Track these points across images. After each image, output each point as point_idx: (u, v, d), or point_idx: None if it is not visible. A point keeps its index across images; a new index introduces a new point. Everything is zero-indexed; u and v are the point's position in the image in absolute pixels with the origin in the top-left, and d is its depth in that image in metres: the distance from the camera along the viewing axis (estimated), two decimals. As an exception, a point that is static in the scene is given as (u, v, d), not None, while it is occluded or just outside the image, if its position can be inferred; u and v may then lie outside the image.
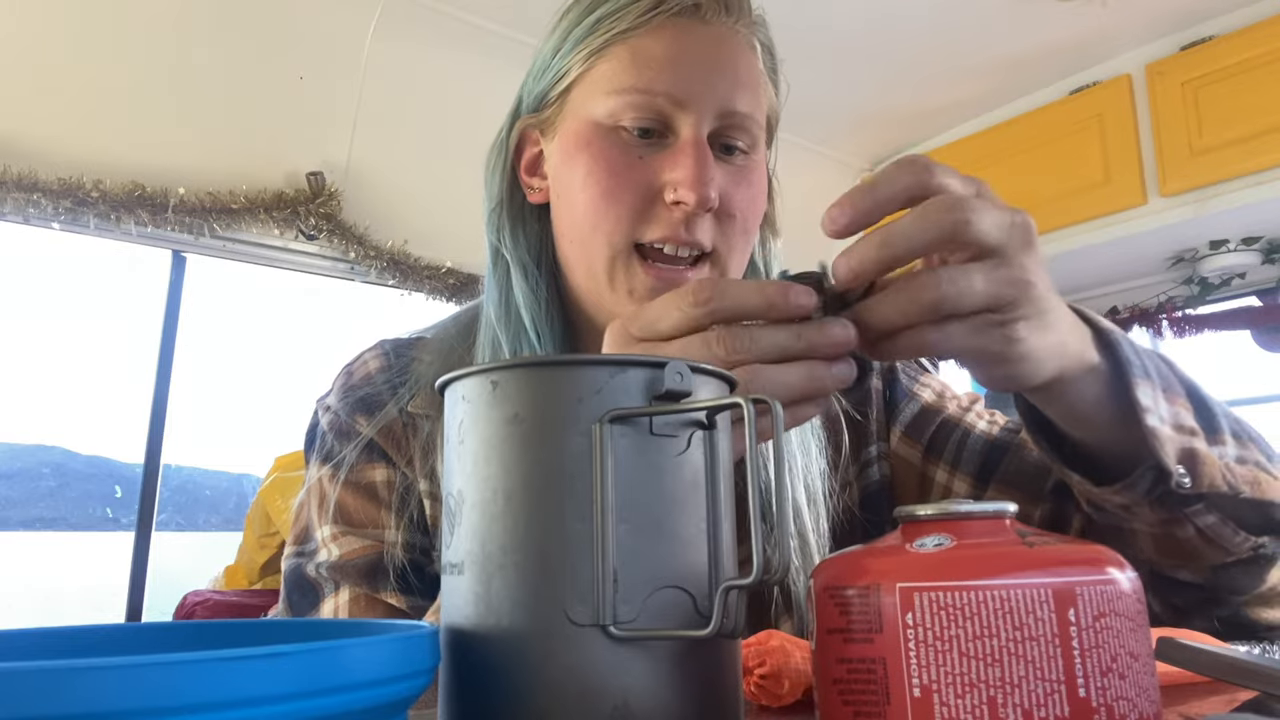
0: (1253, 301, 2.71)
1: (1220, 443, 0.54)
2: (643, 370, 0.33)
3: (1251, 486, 0.54)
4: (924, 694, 0.29)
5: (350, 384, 0.74)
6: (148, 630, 0.36)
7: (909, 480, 0.74)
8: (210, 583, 2.41)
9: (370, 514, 0.69)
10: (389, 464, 0.70)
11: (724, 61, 0.64)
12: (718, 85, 0.63)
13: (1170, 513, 0.54)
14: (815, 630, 0.33)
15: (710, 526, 0.33)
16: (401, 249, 2.40)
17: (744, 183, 0.65)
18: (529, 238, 0.71)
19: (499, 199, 0.71)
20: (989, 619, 0.28)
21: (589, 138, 0.64)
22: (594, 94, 0.64)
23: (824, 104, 2.78)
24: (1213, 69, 2.33)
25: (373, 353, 0.76)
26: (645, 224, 0.63)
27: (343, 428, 0.71)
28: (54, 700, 0.21)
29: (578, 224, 0.65)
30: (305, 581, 0.68)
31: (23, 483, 54.49)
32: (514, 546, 0.32)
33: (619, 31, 0.64)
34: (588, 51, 0.65)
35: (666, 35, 0.63)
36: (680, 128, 0.63)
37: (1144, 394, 0.50)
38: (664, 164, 0.63)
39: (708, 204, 0.61)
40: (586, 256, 0.65)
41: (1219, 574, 0.57)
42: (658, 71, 0.62)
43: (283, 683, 0.23)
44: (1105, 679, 0.28)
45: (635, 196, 0.63)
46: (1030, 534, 0.32)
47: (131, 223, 2.09)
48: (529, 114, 0.71)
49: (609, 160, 0.63)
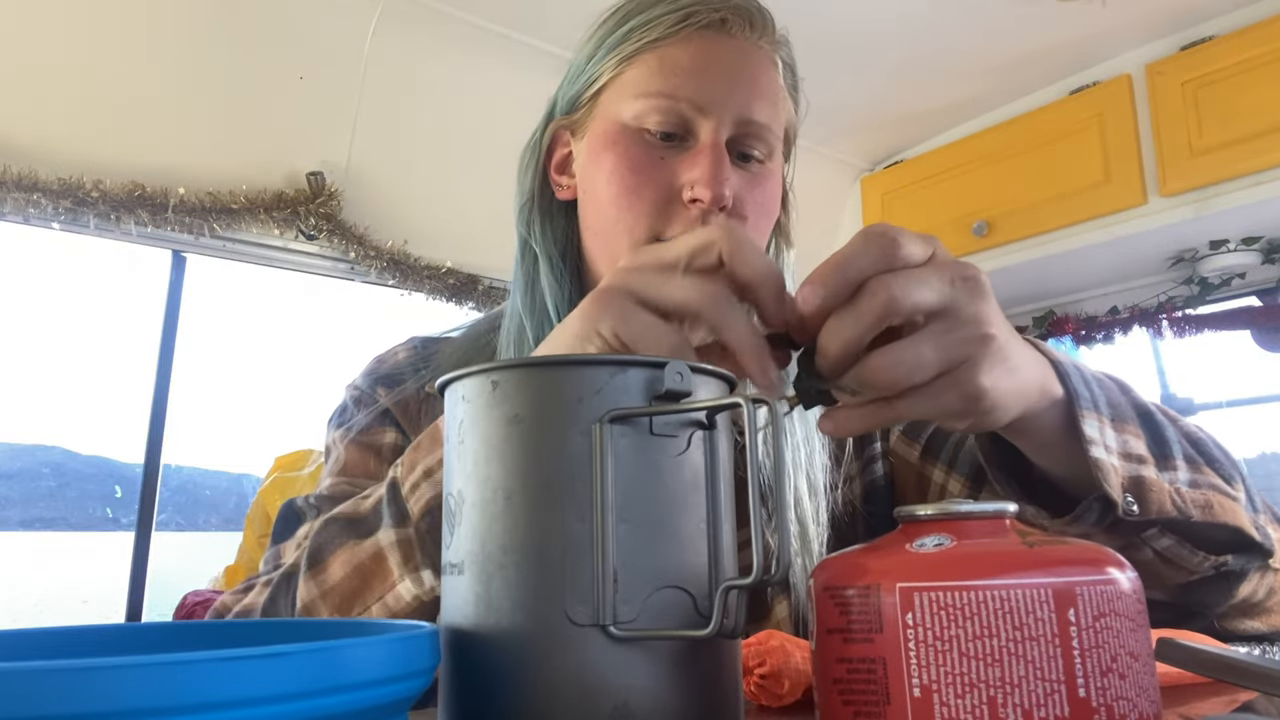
0: (1253, 301, 2.71)
1: (1171, 468, 0.56)
2: (643, 370, 0.33)
3: (1202, 510, 0.55)
4: (924, 694, 0.29)
5: (378, 368, 0.80)
6: (148, 630, 0.36)
7: (908, 479, 0.76)
8: (210, 583, 2.41)
9: (370, 468, 0.73)
10: (399, 430, 0.75)
11: (745, 73, 0.67)
12: (738, 94, 0.66)
13: (1124, 539, 0.55)
14: (815, 630, 0.33)
15: (710, 526, 0.33)
16: (401, 249, 2.40)
17: (758, 188, 0.68)
18: (555, 232, 0.75)
19: (530, 195, 0.75)
20: (989, 619, 0.28)
21: (615, 137, 0.68)
22: (623, 97, 0.68)
23: (824, 104, 2.77)
24: (1213, 69, 2.33)
25: (404, 345, 0.82)
26: (664, 220, 0.66)
27: (363, 398, 0.77)
28: (54, 700, 0.21)
29: (602, 217, 0.69)
30: (293, 512, 0.72)
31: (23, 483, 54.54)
32: (514, 546, 0.32)
33: (650, 40, 0.68)
34: (619, 58, 0.69)
35: (693, 46, 0.67)
36: (700, 132, 0.66)
37: (1090, 425, 0.52)
38: (683, 165, 0.66)
39: (721, 201, 0.64)
40: (609, 248, 0.69)
41: (1186, 592, 0.59)
42: (683, 79, 0.66)
43: (283, 683, 0.23)
44: (1105, 679, 0.28)
45: (655, 194, 0.66)
46: (1030, 534, 0.32)
47: (131, 223, 2.09)
48: (562, 116, 0.75)
49: (632, 159, 0.67)
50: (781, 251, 0.78)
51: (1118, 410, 0.55)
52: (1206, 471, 0.58)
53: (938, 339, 0.43)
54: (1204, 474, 0.58)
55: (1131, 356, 2.94)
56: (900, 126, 2.96)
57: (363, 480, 0.71)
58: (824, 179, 3.12)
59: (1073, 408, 0.52)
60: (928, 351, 0.43)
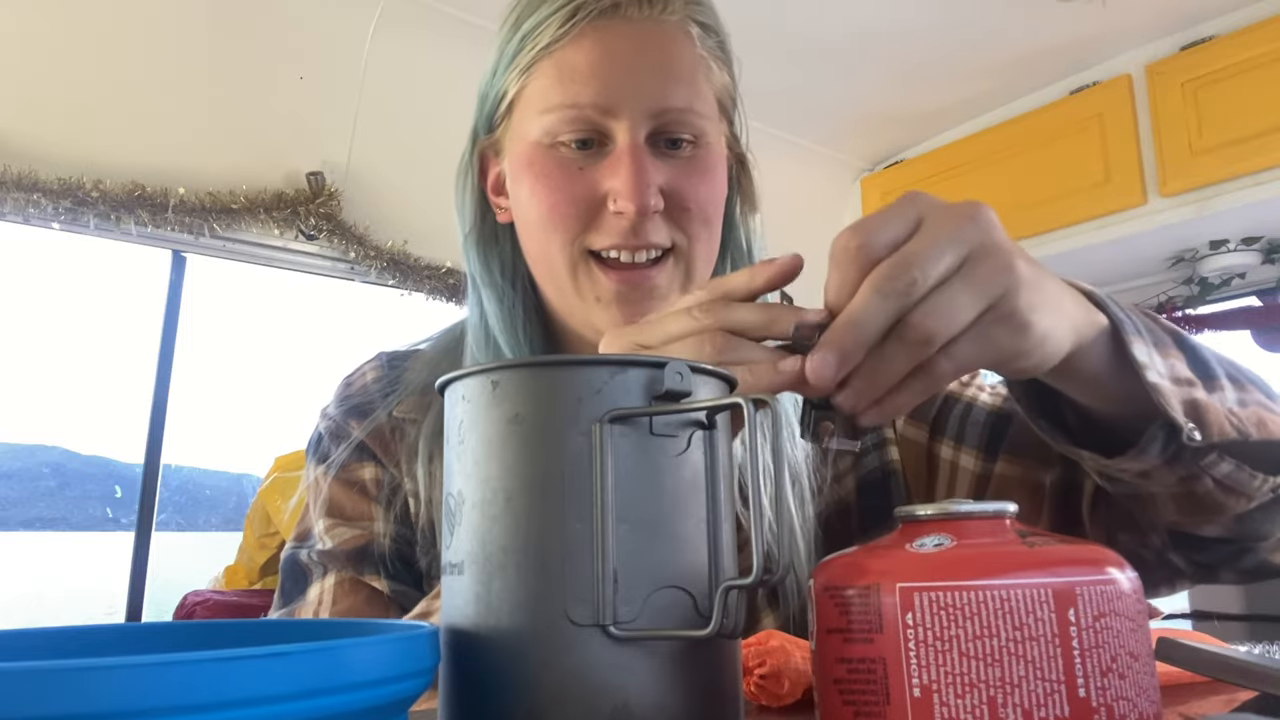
0: (1253, 301, 2.71)
1: (1219, 388, 0.53)
2: (643, 370, 0.33)
3: (1258, 428, 0.52)
4: (924, 694, 0.29)
5: (348, 394, 0.77)
6: (148, 630, 0.36)
7: (918, 463, 0.73)
8: (210, 583, 2.41)
9: (360, 507, 0.72)
10: (377, 463, 0.73)
11: (649, 59, 0.64)
12: (646, 86, 0.63)
13: (1186, 469, 0.52)
14: (815, 630, 0.33)
15: (710, 526, 0.33)
16: (401, 249, 2.40)
17: (694, 174, 0.65)
18: (502, 260, 0.73)
19: (472, 223, 0.74)
20: (989, 619, 0.28)
21: (530, 158, 0.66)
22: (529, 114, 0.66)
23: (824, 104, 2.78)
24: (1213, 69, 2.33)
25: (371, 364, 0.80)
26: (594, 232, 0.64)
27: (338, 432, 0.75)
28: (54, 700, 0.21)
29: (533, 240, 0.67)
30: (298, 567, 0.72)
31: (23, 483, 54.53)
32: (514, 547, 0.32)
33: (543, 47, 0.64)
34: (519, 70, 0.66)
35: (588, 43, 0.63)
36: (616, 135, 0.63)
37: (1139, 351, 0.49)
38: (603, 173, 0.64)
39: (647, 211, 0.62)
40: (548, 271, 0.67)
41: (1243, 522, 0.56)
42: (583, 84, 0.63)
43: (283, 683, 0.23)
44: (1105, 679, 0.28)
45: (579, 208, 0.64)
46: (1030, 534, 0.32)
47: (131, 223, 2.09)
48: (485, 135, 0.72)
49: (549, 178, 0.64)
50: (748, 218, 0.75)
51: (1155, 334, 0.52)
52: (1250, 389, 0.55)
53: (967, 283, 0.41)
54: (1249, 392, 0.55)
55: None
56: (900, 126, 2.96)
57: (360, 521, 0.71)
58: (824, 179, 3.12)
59: (1119, 334, 0.49)
60: (961, 295, 0.41)
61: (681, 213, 0.65)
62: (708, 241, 0.68)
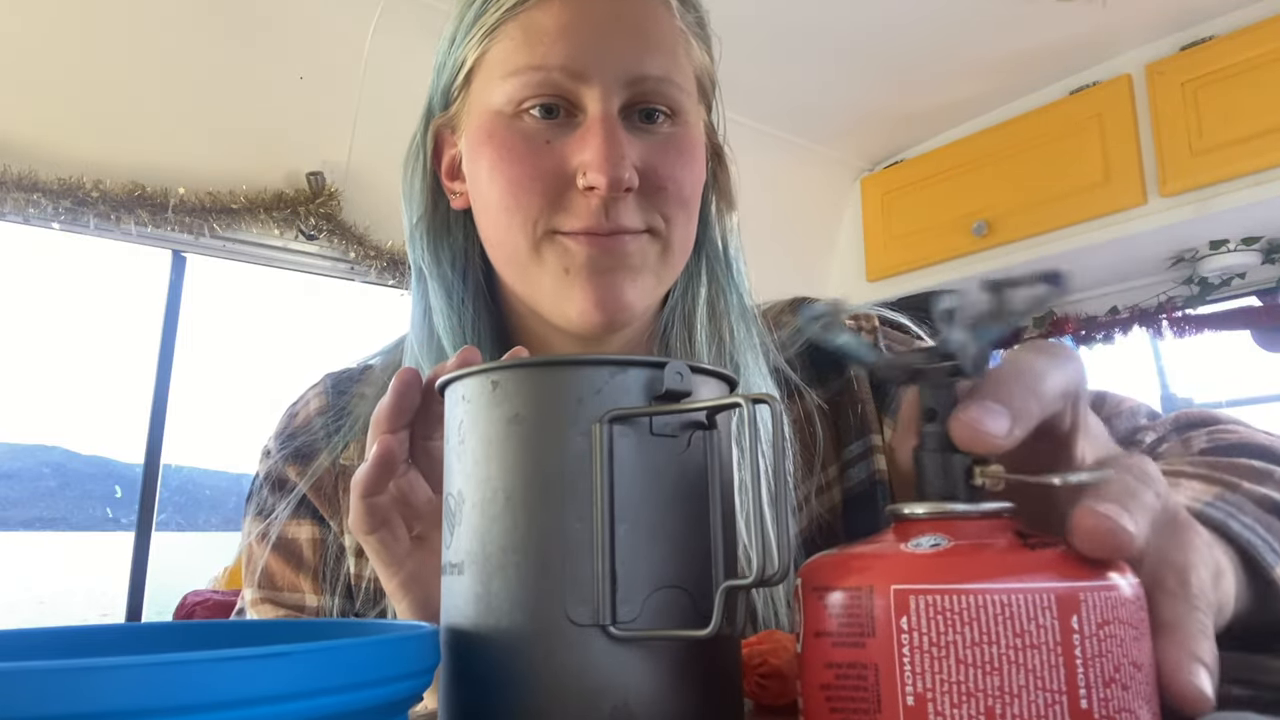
0: (1253, 301, 2.71)
1: None
2: (643, 370, 0.33)
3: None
4: (918, 702, 0.27)
5: (290, 429, 0.70)
6: (148, 630, 0.36)
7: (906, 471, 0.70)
8: (210, 583, 2.41)
9: (291, 578, 0.65)
10: (316, 520, 0.66)
11: (626, 23, 0.58)
12: (621, 50, 0.57)
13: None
14: (802, 633, 0.32)
15: (710, 527, 0.33)
16: (401, 249, 2.39)
17: (671, 151, 0.59)
18: (454, 251, 0.66)
19: (421, 211, 0.67)
20: (988, 624, 0.27)
21: (491, 129, 0.59)
22: (491, 79, 0.59)
23: (824, 104, 2.78)
24: (1213, 69, 2.33)
25: (315, 391, 0.72)
26: (560, 213, 0.58)
27: (277, 479, 0.68)
28: (54, 700, 0.21)
29: (493, 223, 0.61)
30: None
31: (23, 483, 54.56)
32: (514, 546, 0.32)
33: (509, 8, 0.58)
34: (481, 34, 0.60)
35: (557, 4, 0.57)
36: (586, 103, 0.57)
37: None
38: (572, 146, 0.57)
39: (621, 185, 0.56)
40: (510, 255, 0.61)
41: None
42: (550, 45, 0.57)
43: (283, 683, 0.23)
44: (1108, 690, 0.27)
45: (546, 185, 0.57)
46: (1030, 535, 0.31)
47: (131, 223, 2.09)
48: (440, 113, 0.66)
49: (513, 149, 0.58)
50: (724, 216, 0.69)
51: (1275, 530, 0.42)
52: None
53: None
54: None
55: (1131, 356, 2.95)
56: (900, 126, 2.96)
57: (289, 596, 0.65)
58: (824, 179, 3.12)
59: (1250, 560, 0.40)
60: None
61: (657, 192, 0.59)
62: (685, 226, 0.62)
